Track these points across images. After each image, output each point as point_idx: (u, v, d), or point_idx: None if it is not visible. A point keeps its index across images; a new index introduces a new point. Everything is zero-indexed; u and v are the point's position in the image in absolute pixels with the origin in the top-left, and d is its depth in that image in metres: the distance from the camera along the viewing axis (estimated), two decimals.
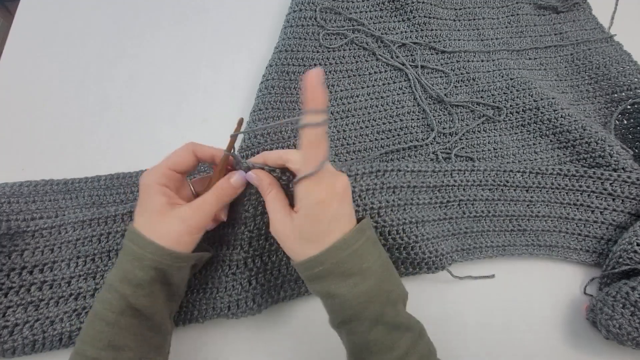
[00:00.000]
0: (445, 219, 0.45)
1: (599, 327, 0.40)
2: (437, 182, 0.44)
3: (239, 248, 0.38)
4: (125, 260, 0.30)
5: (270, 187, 0.32)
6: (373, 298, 0.29)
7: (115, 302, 0.29)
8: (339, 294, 0.28)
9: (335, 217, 0.29)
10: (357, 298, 0.28)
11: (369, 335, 0.29)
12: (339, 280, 0.29)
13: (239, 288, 0.38)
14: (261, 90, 0.51)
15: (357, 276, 0.29)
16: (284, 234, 0.30)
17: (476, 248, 0.45)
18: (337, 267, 0.29)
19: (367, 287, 0.29)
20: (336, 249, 0.29)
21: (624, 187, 0.46)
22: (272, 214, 0.31)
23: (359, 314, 0.29)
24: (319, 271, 0.29)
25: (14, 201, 0.43)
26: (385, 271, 0.31)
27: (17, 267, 0.38)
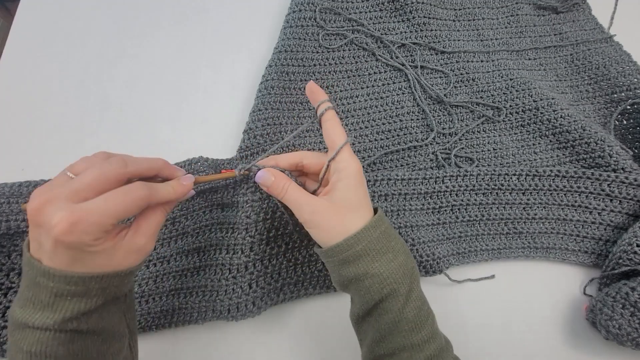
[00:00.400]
0: (438, 223, 0.45)
1: (599, 328, 0.40)
2: (428, 189, 0.45)
3: (240, 252, 0.38)
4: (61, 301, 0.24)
5: (288, 180, 0.33)
6: (406, 273, 0.30)
7: (62, 336, 0.25)
8: (375, 272, 0.29)
9: (367, 191, 0.32)
10: (393, 274, 0.29)
11: (402, 313, 0.29)
12: (376, 258, 0.30)
13: (239, 291, 0.38)
14: (261, 91, 0.51)
15: (389, 253, 0.30)
16: (323, 212, 0.30)
17: (471, 251, 0.45)
18: (372, 245, 0.30)
19: (400, 263, 0.30)
20: (369, 228, 0.30)
21: (621, 188, 0.46)
22: (303, 200, 0.31)
23: (396, 290, 0.29)
24: (356, 251, 0.29)
25: (14, 201, 0.43)
26: (407, 249, 0.32)
27: (16, 267, 0.38)
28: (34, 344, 0.24)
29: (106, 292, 0.26)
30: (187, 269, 0.40)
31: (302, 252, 0.41)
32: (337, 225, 0.30)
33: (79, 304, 0.25)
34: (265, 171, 0.33)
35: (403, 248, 0.32)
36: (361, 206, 0.31)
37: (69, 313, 0.25)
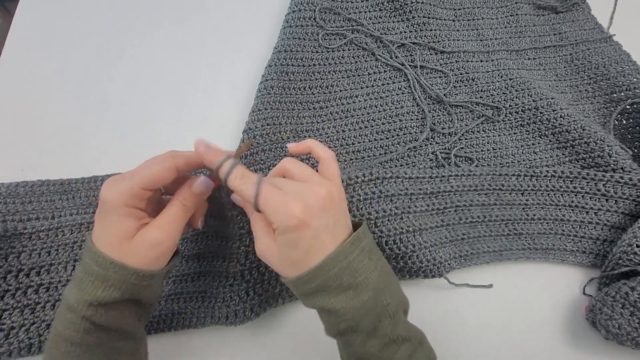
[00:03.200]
0: (442, 225, 0.44)
1: (599, 327, 0.40)
2: (433, 189, 0.44)
3: (236, 261, 0.37)
4: (86, 280, 0.27)
5: (250, 211, 0.31)
6: (369, 311, 0.28)
7: (78, 322, 0.27)
8: (333, 309, 0.28)
9: (317, 235, 0.27)
10: (351, 312, 0.28)
11: (364, 348, 0.28)
12: (333, 294, 0.28)
13: (236, 299, 0.37)
14: (260, 91, 0.50)
15: (351, 290, 0.28)
16: (268, 256, 0.29)
17: (473, 254, 0.44)
18: (330, 281, 0.28)
19: (362, 301, 0.28)
20: (327, 264, 0.28)
21: (617, 188, 0.46)
22: (257, 234, 0.30)
23: (354, 327, 0.28)
24: (311, 287, 0.28)
25: (10, 202, 0.43)
26: (382, 282, 0.29)
27: (14, 270, 0.38)
28: (60, 323, 0.27)
29: (123, 287, 0.27)
30: (187, 274, 0.40)
31: None
32: (284, 273, 0.29)
33: (97, 290, 0.27)
34: (235, 196, 0.32)
35: (373, 284, 0.28)
36: (308, 255, 0.28)
37: (88, 295, 0.27)
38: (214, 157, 0.30)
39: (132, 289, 0.28)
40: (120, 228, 0.27)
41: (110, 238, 0.27)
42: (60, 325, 0.27)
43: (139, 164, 0.29)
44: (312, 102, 0.53)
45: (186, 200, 0.30)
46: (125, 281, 0.27)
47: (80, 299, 0.27)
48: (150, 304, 0.31)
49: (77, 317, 0.27)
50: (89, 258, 0.27)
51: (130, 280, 0.27)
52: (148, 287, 0.29)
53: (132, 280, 0.28)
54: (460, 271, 0.45)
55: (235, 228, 0.36)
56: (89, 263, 0.27)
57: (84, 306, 0.27)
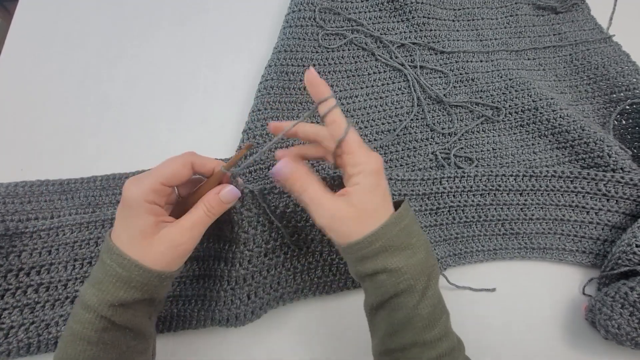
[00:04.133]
0: (435, 225, 0.45)
1: (598, 327, 0.40)
2: (426, 190, 0.45)
3: (238, 265, 0.37)
4: (107, 281, 0.28)
5: (310, 175, 0.31)
6: (423, 270, 0.30)
7: (96, 322, 0.27)
8: (394, 268, 0.29)
9: (387, 190, 0.31)
10: (411, 270, 0.29)
11: (417, 309, 0.29)
12: (394, 254, 0.29)
13: (237, 302, 0.37)
14: (260, 91, 0.50)
15: (408, 250, 0.30)
16: (341, 216, 0.30)
17: (467, 252, 0.45)
18: (391, 241, 0.29)
19: (419, 260, 0.30)
20: (392, 223, 0.30)
21: (617, 188, 0.46)
22: (321, 199, 0.30)
23: (412, 286, 0.29)
24: (377, 247, 0.29)
25: (9, 202, 0.43)
26: (428, 246, 0.32)
27: (14, 269, 0.38)
28: (77, 322, 0.28)
29: (144, 289, 0.28)
30: (186, 276, 0.40)
31: (301, 260, 0.41)
32: (357, 230, 0.30)
33: (119, 291, 0.28)
34: (283, 163, 0.31)
35: (424, 245, 0.31)
36: (381, 206, 0.30)
37: (109, 296, 0.27)
38: (324, 90, 0.31)
39: (152, 290, 0.29)
40: (141, 224, 0.28)
41: (131, 235, 0.28)
42: (77, 325, 0.28)
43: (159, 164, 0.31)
44: (312, 101, 0.53)
45: (212, 208, 0.30)
46: (147, 283, 0.28)
47: (102, 300, 0.27)
48: (161, 302, 0.32)
49: (95, 316, 0.27)
50: (111, 260, 0.28)
51: (152, 282, 0.28)
52: (165, 287, 0.30)
53: (154, 282, 0.28)
54: (461, 272, 0.45)
55: (239, 232, 0.36)
56: (110, 265, 0.28)
57: (105, 306, 0.27)
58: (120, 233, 0.29)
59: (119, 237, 0.29)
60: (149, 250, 0.28)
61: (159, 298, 0.31)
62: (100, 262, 0.29)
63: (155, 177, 0.29)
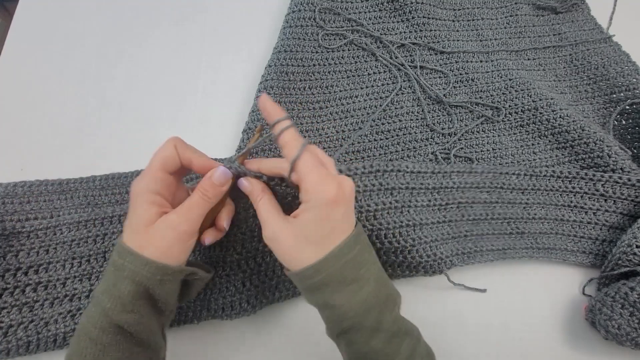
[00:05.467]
0: (444, 221, 0.43)
1: (598, 328, 0.40)
2: (435, 184, 0.43)
3: (232, 250, 0.37)
4: (109, 271, 0.29)
5: (263, 193, 0.31)
6: (371, 305, 0.28)
7: (97, 317, 0.27)
8: (337, 304, 0.28)
9: (342, 220, 0.28)
10: (355, 307, 0.28)
11: (369, 345, 0.28)
12: (337, 289, 0.28)
13: (232, 289, 0.38)
14: (260, 91, 0.50)
15: (354, 284, 0.28)
16: (280, 238, 0.29)
17: (477, 252, 0.44)
18: (335, 275, 0.28)
19: (365, 295, 0.28)
20: (334, 256, 0.28)
21: (615, 188, 0.46)
22: (267, 219, 0.30)
23: (358, 323, 0.28)
24: (316, 281, 0.28)
25: (9, 202, 0.43)
26: (381, 277, 0.30)
27: (12, 268, 0.38)
28: (84, 316, 0.28)
29: (135, 279, 0.28)
30: None
31: None
32: (296, 258, 0.28)
33: (128, 286, 0.28)
34: (244, 179, 0.32)
35: (375, 275, 0.29)
36: (328, 238, 0.28)
37: (119, 293, 0.28)
38: (275, 112, 0.30)
39: (146, 282, 0.28)
40: (142, 214, 0.29)
41: (134, 225, 0.29)
42: (84, 319, 0.28)
43: None
44: (312, 102, 0.53)
45: (206, 191, 0.31)
46: (138, 272, 0.28)
47: (103, 288, 0.28)
48: (167, 307, 0.31)
49: (97, 310, 0.28)
50: (115, 250, 0.29)
51: (143, 271, 0.28)
52: (162, 284, 0.29)
53: (144, 271, 0.28)
54: (459, 271, 0.45)
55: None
56: (113, 255, 0.29)
57: (104, 295, 0.28)
58: (127, 226, 0.29)
59: (125, 229, 0.29)
60: (149, 237, 0.28)
61: (161, 299, 0.30)
62: (111, 263, 0.29)
63: (153, 167, 0.30)
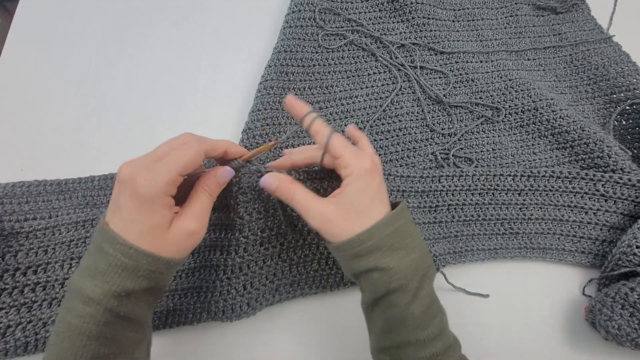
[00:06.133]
0: (435, 222, 0.45)
1: (598, 328, 0.40)
2: (425, 187, 0.46)
3: (234, 253, 0.37)
4: (112, 272, 0.27)
5: (294, 183, 0.32)
6: (417, 270, 0.30)
7: (98, 315, 0.27)
8: (387, 266, 0.29)
9: (380, 190, 0.31)
10: (404, 269, 0.30)
11: (409, 309, 0.29)
12: (386, 253, 0.30)
13: (233, 292, 0.38)
14: (260, 91, 0.50)
15: (402, 250, 0.30)
16: (331, 217, 0.30)
17: (468, 251, 0.45)
18: (384, 241, 0.30)
19: (412, 259, 0.30)
20: (385, 223, 0.30)
21: (615, 188, 0.46)
22: (309, 204, 0.31)
23: (404, 285, 0.29)
24: (367, 246, 0.30)
25: (7, 202, 0.43)
26: (424, 248, 0.32)
27: (10, 269, 0.38)
28: (76, 317, 0.26)
29: (151, 277, 0.28)
30: (181, 269, 0.40)
31: (297, 252, 0.41)
32: (347, 230, 0.30)
33: (126, 281, 0.27)
34: (269, 176, 0.32)
35: (419, 246, 0.31)
36: (372, 206, 0.31)
37: (116, 287, 0.27)
38: (302, 108, 0.32)
39: (159, 277, 0.28)
40: (157, 219, 0.27)
41: (144, 229, 0.27)
42: (75, 320, 0.26)
43: (162, 148, 0.29)
44: (312, 102, 0.53)
45: (212, 191, 0.31)
46: (155, 271, 0.28)
47: (107, 291, 0.26)
48: (162, 291, 0.32)
49: (98, 310, 0.26)
50: (114, 249, 0.27)
51: (160, 269, 0.28)
52: (171, 274, 0.30)
53: (162, 269, 0.28)
54: (460, 273, 0.45)
55: (235, 218, 0.36)
56: (114, 255, 0.27)
57: (109, 297, 0.27)
58: (131, 227, 0.27)
59: (128, 230, 0.27)
60: (163, 242, 0.28)
61: (161, 286, 0.30)
62: (100, 252, 0.27)
63: (172, 169, 0.27)
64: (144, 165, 0.28)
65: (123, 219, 0.27)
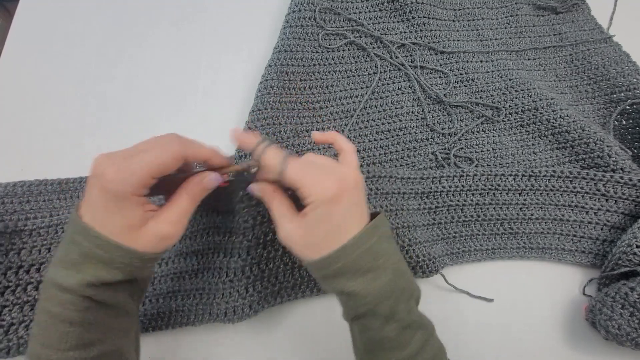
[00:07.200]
0: (434, 224, 0.45)
1: (598, 328, 0.40)
2: (425, 189, 0.45)
3: (237, 256, 0.37)
4: (86, 263, 0.27)
5: (275, 193, 0.32)
6: (387, 294, 0.29)
7: (78, 302, 0.27)
8: (353, 292, 0.28)
9: (348, 214, 0.29)
10: (371, 294, 0.28)
11: (382, 332, 0.29)
12: (354, 277, 0.29)
13: (235, 295, 0.38)
14: (260, 91, 0.50)
15: (371, 273, 0.29)
16: (294, 238, 0.30)
17: (465, 251, 0.45)
18: (351, 265, 0.28)
19: (382, 284, 0.29)
20: (350, 247, 0.28)
21: (616, 188, 0.46)
22: (280, 220, 0.30)
23: (373, 310, 0.29)
24: (332, 270, 0.29)
25: (8, 201, 0.43)
26: (399, 268, 0.31)
27: (14, 266, 0.38)
28: (55, 305, 0.26)
29: (127, 269, 0.28)
30: (185, 271, 0.40)
31: None
32: (309, 254, 0.29)
33: (100, 272, 0.27)
34: (254, 185, 0.32)
35: (393, 267, 0.30)
36: (340, 228, 0.29)
37: (90, 277, 0.26)
38: (250, 140, 0.31)
39: (135, 270, 0.28)
40: (130, 216, 0.27)
41: (117, 225, 0.27)
42: (56, 307, 0.26)
43: (141, 146, 0.29)
44: (312, 102, 0.53)
45: (196, 196, 0.30)
46: (129, 264, 0.28)
47: (82, 281, 0.26)
48: (144, 282, 0.32)
49: (76, 297, 0.26)
50: (88, 242, 0.27)
51: (134, 263, 0.28)
52: (148, 268, 0.30)
53: (136, 263, 0.28)
54: (460, 272, 0.45)
55: (240, 222, 0.36)
56: (88, 246, 0.27)
57: (85, 287, 0.26)
58: (102, 220, 0.27)
59: (102, 224, 0.27)
60: (137, 239, 0.28)
61: (141, 278, 0.30)
62: (72, 244, 0.27)
63: (144, 170, 0.27)
64: (117, 161, 0.27)
65: (95, 212, 0.27)
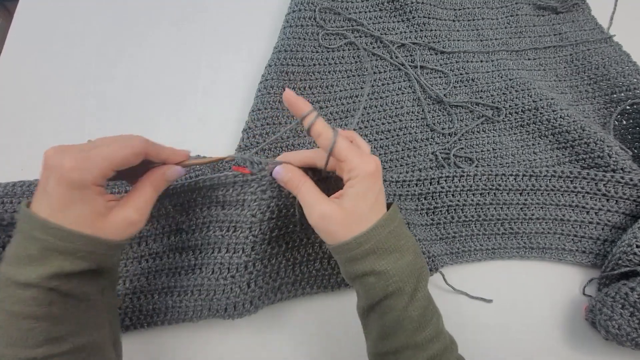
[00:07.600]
0: (433, 224, 0.46)
1: (598, 328, 0.40)
2: (422, 191, 0.46)
3: (241, 252, 0.37)
4: (46, 256, 0.26)
5: (305, 177, 0.33)
6: (413, 272, 0.30)
7: (41, 296, 0.26)
8: (383, 270, 0.30)
9: (380, 193, 0.32)
10: (399, 272, 0.30)
11: (407, 311, 0.30)
12: (382, 256, 0.30)
13: (237, 291, 0.38)
14: (260, 90, 0.50)
15: (397, 252, 0.30)
16: (332, 215, 0.30)
17: (464, 251, 0.45)
18: (379, 244, 0.30)
19: (407, 262, 0.30)
20: (381, 226, 0.30)
21: (617, 188, 0.46)
22: (314, 200, 0.31)
23: (400, 288, 0.30)
24: (363, 250, 0.30)
25: (7, 201, 0.42)
26: (417, 250, 0.32)
27: None
28: (15, 303, 0.26)
29: (91, 257, 0.27)
30: (181, 266, 0.40)
31: (300, 251, 0.41)
32: (345, 232, 0.30)
33: (65, 262, 0.26)
34: (283, 167, 0.33)
35: (413, 247, 0.32)
36: (372, 209, 0.31)
37: (54, 269, 0.26)
38: (303, 106, 0.32)
39: (100, 258, 0.28)
40: (92, 205, 0.27)
41: (81, 215, 0.27)
42: (16, 306, 0.25)
43: (100, 141, 0.30)
44: (313, 102, 0.53)
45: (159, 187, 0.32)
46: (94, 252, 0.28)
47: (43, 273, 0.26)
48: (112, 274, 0.32)
49: (39, 291, 0.26)
50: (47, 234, 0.26)
51: (99, 250, 0.28)
52: (114, 256, 0.30)
53: (100, 250, 0.28)
54: (460, 272, 0.45)
55: (247, 215, 0.36)
56: (46, 239, 0.26)
57: (48, 279, 0.26)
58: (65, 212, 0.27)
59: (58, 214, 0.26)
60: (102, 227, 0.28)
61: (108, 268, 0.30)
62: (29, 240, 0.26)
63: (106, 161, 0.28)
64: (74, 152, 0.27)
65: (52, 204, 0.26)
